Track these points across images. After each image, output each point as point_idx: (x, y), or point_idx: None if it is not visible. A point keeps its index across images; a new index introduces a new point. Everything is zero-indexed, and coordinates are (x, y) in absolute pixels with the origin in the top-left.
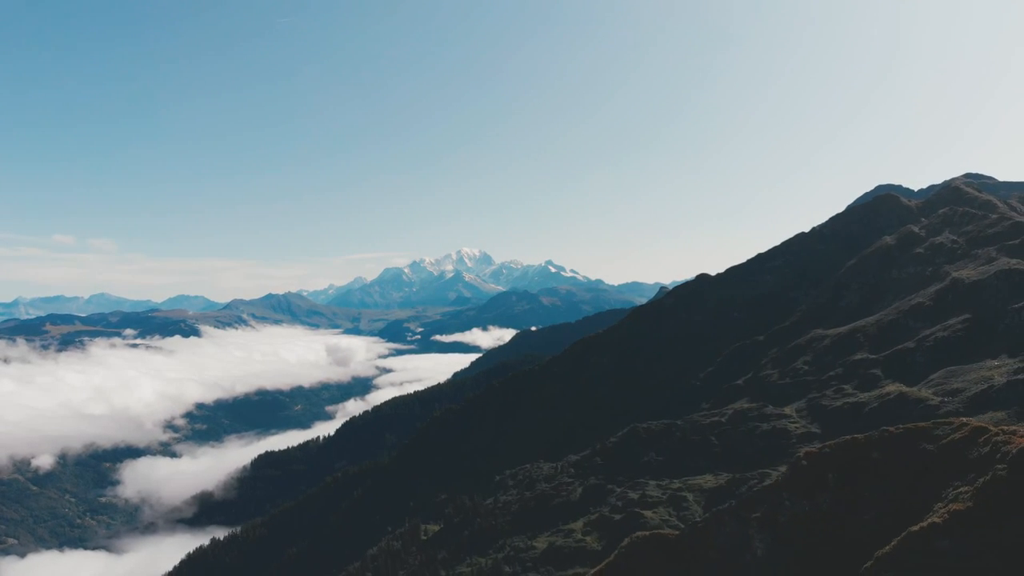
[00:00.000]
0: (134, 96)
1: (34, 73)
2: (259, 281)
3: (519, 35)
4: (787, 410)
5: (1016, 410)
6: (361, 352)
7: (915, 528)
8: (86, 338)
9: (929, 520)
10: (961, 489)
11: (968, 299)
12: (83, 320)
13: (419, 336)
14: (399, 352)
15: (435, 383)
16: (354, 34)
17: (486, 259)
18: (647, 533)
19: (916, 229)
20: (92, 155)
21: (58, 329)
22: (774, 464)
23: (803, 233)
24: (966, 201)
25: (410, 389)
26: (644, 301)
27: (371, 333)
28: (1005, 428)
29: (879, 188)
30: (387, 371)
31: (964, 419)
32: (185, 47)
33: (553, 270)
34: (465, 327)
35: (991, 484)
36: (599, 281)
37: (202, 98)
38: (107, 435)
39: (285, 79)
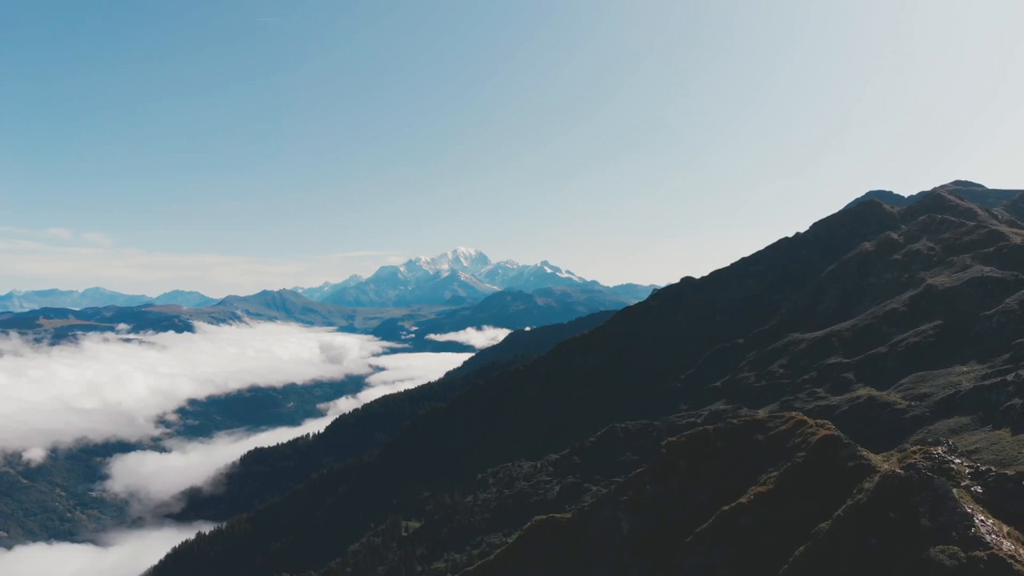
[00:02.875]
0: (131, 91)
1: (32, 69)
2: (254, 278)
3: (518, 35)
4: (760, 412)
5: (981, 415)
6: (355, 350)
7: (726, 508)
8: (79, 332)
9: (738, 501)
10: (772, 474)
11: (941, 305)
12: (77, 314)
13: (413, 335)
14: (393, 351)
15: (427, 382)
16: (351, 33)
17: (482, 259)
18: (544, 517)
19: (895, 236)
20: (88, 150)
21: (52, 323)
22: None
23: (787, 238)
24: (947, 209)
25: (402, 388)
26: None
27: (365, 331)
28: (819, 421)
29: (869, 194)
30: (380, 369)
31: (793, 413)
32: (182, 43)
33: (549, 270)
34: (460, 326)
35: (790, 469)
36: (594, 282)
37: (199, 94)
38: (98, 429)
39: (282, 76)
